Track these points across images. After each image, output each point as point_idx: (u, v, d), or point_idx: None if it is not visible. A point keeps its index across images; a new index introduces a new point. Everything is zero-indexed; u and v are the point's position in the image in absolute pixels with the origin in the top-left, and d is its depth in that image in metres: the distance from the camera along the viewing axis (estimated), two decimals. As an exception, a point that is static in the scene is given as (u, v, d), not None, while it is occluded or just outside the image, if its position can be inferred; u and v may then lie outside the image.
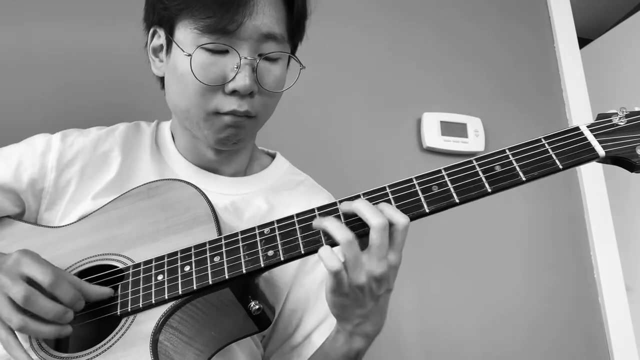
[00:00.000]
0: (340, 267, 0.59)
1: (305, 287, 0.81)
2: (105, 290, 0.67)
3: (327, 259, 0.59)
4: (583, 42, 2.10)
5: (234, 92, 0.73)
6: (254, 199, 0.83)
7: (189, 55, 0.72)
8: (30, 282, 0.62)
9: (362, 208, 0.61)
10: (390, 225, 0.60)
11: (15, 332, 0.63)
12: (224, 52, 0.72)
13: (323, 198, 0.88)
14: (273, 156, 0.94)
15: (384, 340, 1.28)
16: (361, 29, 1.51)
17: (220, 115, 0.75)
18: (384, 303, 0.66)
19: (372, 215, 0.60)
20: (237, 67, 0.72)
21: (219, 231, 0.68)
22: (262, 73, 0.74)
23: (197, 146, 0.83)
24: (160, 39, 0.78)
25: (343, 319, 0.67)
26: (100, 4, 1.27)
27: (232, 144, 0.79)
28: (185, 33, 0.73)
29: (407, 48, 1.54)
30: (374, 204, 0.61)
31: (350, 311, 0.64)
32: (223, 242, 0.66)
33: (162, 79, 0.83)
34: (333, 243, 0.61)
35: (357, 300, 0.62)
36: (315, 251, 0.62)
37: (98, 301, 0.67)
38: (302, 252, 0.62)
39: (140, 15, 0.83)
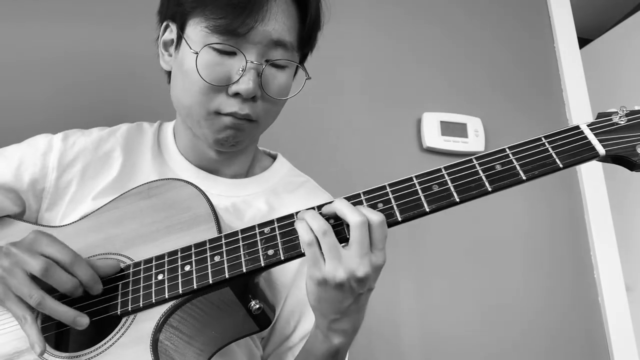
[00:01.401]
0: (313, 239, 0.60)
1: (304, 289, 0.80)
2: (112, 263, 0.67)
3: (302, 232, 0.61)
4: (583, 42, 2.10)
5: (236, 95, 0.73)
6: (255, 201, 0.83)
7: (196, 53, 0.72)
8: None
9: (341, 207, 0.62)
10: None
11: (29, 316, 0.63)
12: (232, 53, 0.73)
13: (324, 200, 0.87)
14: (274, 157, 0.94)
15: (384, 339, 1.28)
16: (361, 30, 1.51)
17: (221, 115, 0.75)
18: (364, 302, 0.65)
19: (350, 212, 0.60)
20: (242, 70, 0.72)
21: (219, 230, 0.68)
22: (267, 79, 0.75)
23: (198, 145, 0.83)
24: (172, 33, 0.79)
25: (320, 313, 0.66)
26: (102, 4, 1.27)
27: (230, 145, 0.79)
28: (196, 31, 0.73)
29: (407, 48, 1.54)
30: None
31: (327, 306, 0.64)
32: (223, 241, 0.66)
33: (169, 74, 0.83)
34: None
35: (336, 296, 0.62)
36: None
37: (98, 299, 0.67)
38: (302, 251, 0.62)
39: (142, 15, 0.83)
